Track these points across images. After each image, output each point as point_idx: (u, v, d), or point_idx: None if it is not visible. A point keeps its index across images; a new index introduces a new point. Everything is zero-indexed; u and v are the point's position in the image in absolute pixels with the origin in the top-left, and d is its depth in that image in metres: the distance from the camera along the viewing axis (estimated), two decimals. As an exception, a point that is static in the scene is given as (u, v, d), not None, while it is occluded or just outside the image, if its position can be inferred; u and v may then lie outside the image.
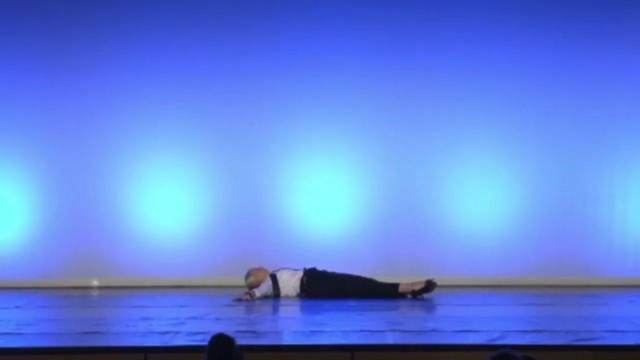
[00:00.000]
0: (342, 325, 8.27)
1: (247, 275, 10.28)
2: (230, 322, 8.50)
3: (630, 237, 11.04)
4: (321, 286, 10.10)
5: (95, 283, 11.04)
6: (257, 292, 9.99)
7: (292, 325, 8.65)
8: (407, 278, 10.15)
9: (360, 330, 7.99)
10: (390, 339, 7.63)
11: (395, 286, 10.03)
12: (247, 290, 10.04)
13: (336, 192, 11.06)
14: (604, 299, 9.92)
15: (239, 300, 9.83)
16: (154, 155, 11.04)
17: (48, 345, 7.50)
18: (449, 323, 8.27)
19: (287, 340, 7.62)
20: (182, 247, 11.01)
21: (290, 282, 10.15)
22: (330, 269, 10.24)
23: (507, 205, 11.03)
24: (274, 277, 10.16)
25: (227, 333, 5.79)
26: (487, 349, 6.65)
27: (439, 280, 10.04)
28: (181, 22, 11.02)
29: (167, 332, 7.86)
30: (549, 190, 11.06)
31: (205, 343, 5.70)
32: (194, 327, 8.10)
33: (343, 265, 10.25)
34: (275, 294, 10.09)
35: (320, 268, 10.22)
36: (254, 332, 7.87)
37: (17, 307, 9.62)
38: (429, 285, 9.94)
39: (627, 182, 11.06)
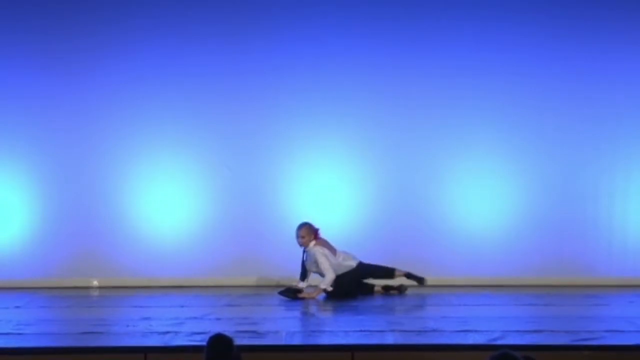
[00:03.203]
0: (342, 325, 8.28)
1: (301, 229, 10.16)
2: (230, 322, 8.50)
3: (630, 237, 11.04)
4: (341, 289, 10.08)
5: (95, 283, 11.04)
6: (326, 285, 9.99)
7: (292, 325, 8.65)
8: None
9: (360, 330, 8.00)
10: (390, 339, 7.63)
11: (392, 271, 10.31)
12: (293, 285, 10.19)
13: (336, 192, 11.06)
14: (604, 299, 9.92)
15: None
16: (154, 155, 11.04)
17: (48, 345, 7.51)
18: (449, 323, 8.27)
19: (287, 340, 7.62)
20: (182, 247, 11.01)
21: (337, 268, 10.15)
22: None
23: (507, 205, 11.02)
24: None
25: (227, 333, 5.79)
26: (487, 349, 6.65)
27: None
28: (181, 22, 11.02)
29: (167, 332, 7.86)
30: (549, 190, 11.05)
31: (205, 343, 5.71)
32: (194, 327, 8.11)
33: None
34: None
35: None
36: (254, 332, 7.87)
37: (17, 307, 9.62)
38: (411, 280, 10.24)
39: (627, 182, 11.06)
